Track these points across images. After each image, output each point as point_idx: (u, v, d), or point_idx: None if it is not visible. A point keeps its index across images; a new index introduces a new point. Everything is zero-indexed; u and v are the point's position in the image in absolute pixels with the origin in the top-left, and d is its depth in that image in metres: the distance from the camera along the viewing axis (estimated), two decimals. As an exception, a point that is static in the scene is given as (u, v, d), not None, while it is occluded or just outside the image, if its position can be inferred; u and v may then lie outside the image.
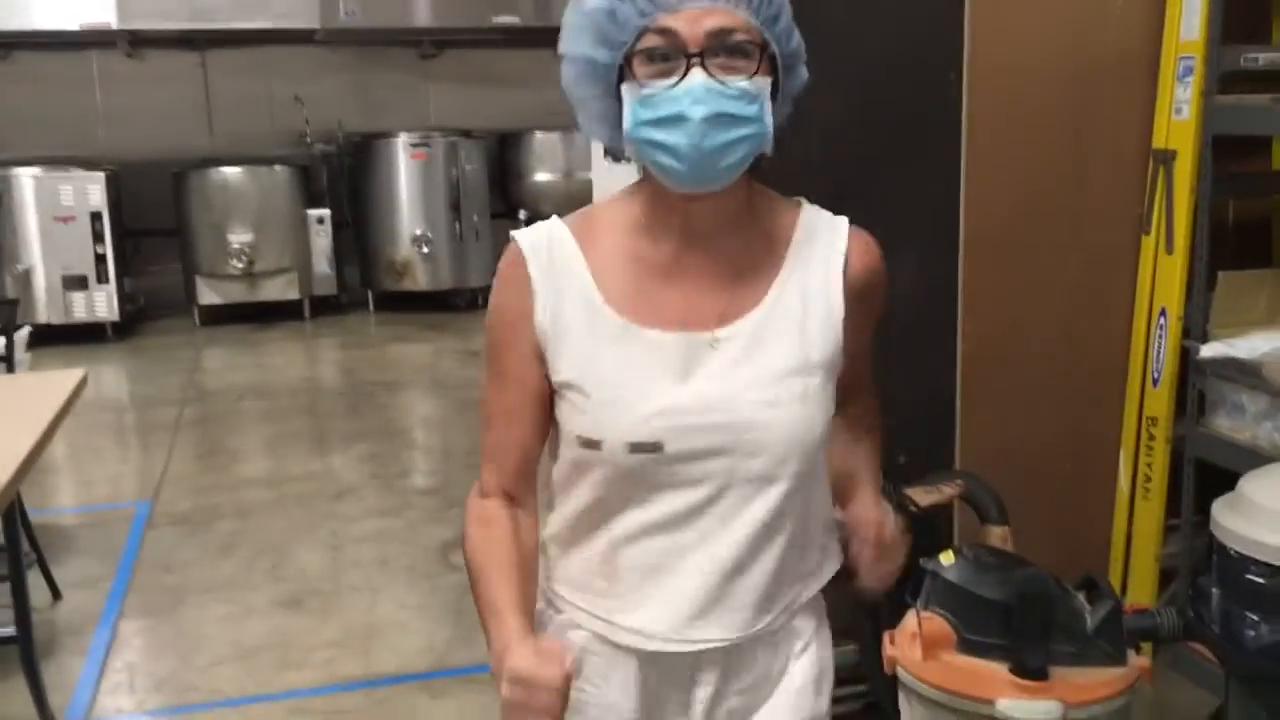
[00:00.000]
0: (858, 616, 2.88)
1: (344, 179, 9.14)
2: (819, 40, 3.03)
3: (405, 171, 8.67)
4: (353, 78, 9.33)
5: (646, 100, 1.25)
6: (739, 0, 1.25)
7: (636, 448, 1.31)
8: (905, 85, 2.97)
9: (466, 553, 1.38)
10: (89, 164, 8.21)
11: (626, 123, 1.28)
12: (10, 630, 3.02)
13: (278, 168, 8.63)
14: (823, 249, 1.39)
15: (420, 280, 8.73)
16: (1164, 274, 3.11)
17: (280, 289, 8.62)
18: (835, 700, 2.76)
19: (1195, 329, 3.04)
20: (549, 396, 1.37)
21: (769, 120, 1.27)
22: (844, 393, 1.46)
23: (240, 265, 8.43)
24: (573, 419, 1.34)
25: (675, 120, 1.24)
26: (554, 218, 1.40)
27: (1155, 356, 3.14)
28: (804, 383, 1.34)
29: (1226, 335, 2.95)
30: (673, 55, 1.24)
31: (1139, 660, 2.35)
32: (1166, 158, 3.06)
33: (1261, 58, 2.97)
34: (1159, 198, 3.09)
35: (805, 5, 2.82)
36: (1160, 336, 3.12)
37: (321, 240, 8.70)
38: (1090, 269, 3.17)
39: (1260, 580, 2.06)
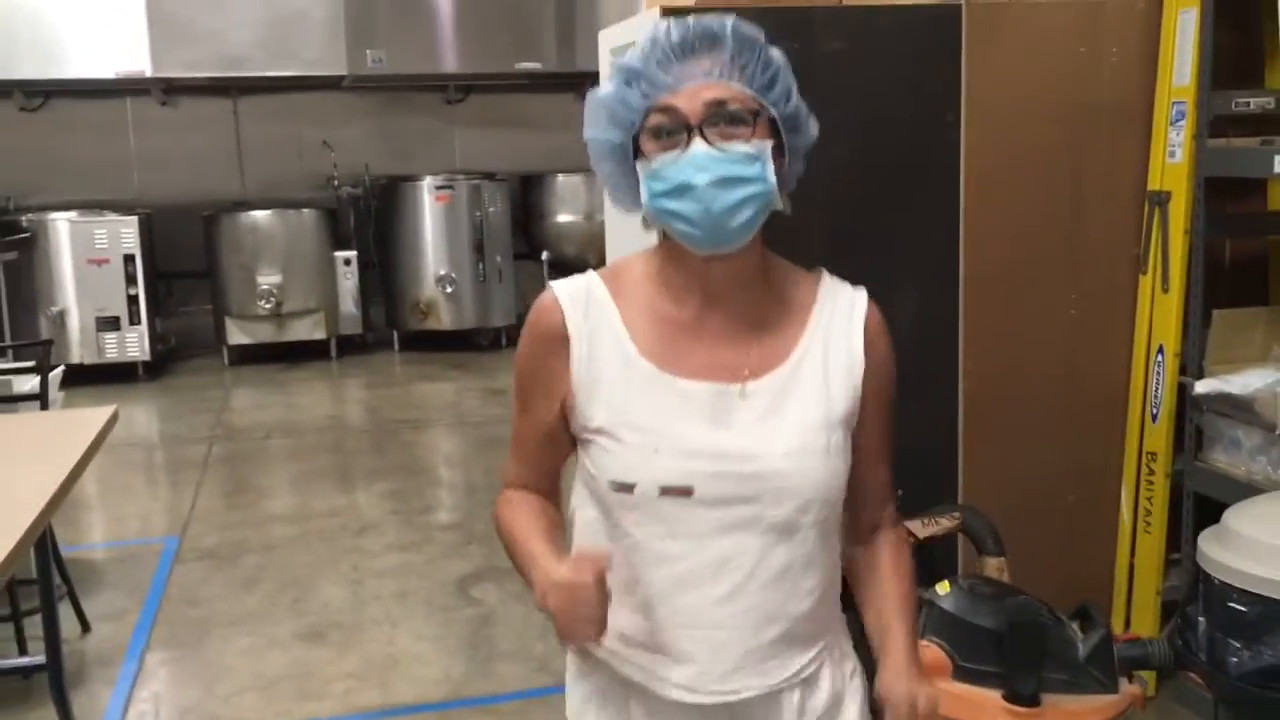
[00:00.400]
0: (861, 647, 2.94)
1: (370, 221, 9.32)
2: (820, 84, 3.14)
3: (430, 213, 8.85)
4: (379, 122, 9.55)
5: (656, 174, 1.36)
6: (732, 74, 1.34)
7: (667, 490, 1.37)
8: (904, 128, 3.07)
9: (499, 529, 1.49)
10: (123, 208, 8.42)
11: (643, 197, 1.38)
12: (41, 660, 3.12)
13: (306, 211, 8.83)
14: (844, 312, 1.47)
15: (444, 320, 8.87)
16: (1161, 312, 3.18)
17: (308, 329, 8.79)
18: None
19: (1192, 365, 3.11)
20: (563, 428, 1.45)
21: (772, 178, 1.36)
22: (865, 500, 1.52)
23: (269, 306, 8.60)
24: (605, 464, 1.41)
25: (683, 189, 1.34)
26: (589, 271, 1.50)
27: (1154, 392, 3.20)
28: (828, 436, 1.41)
29: (1222, 371, 3.02)
30: (675, 130, 1.34)
31: (1131, 688, 2.41)
32: (1161, 199, 3.14)
33: (1253, 102, 3.06)
34: (1155, 238, 3.17)
35: (806, 48, 2.95)
36: (1158, 373, 3.19)
37: (348, 281, 8.88)
38: (1089, 308, 3.24)
39: (1242, 608, 2.12)
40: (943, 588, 2.50)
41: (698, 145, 1.33)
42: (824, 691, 1.50)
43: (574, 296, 1.44)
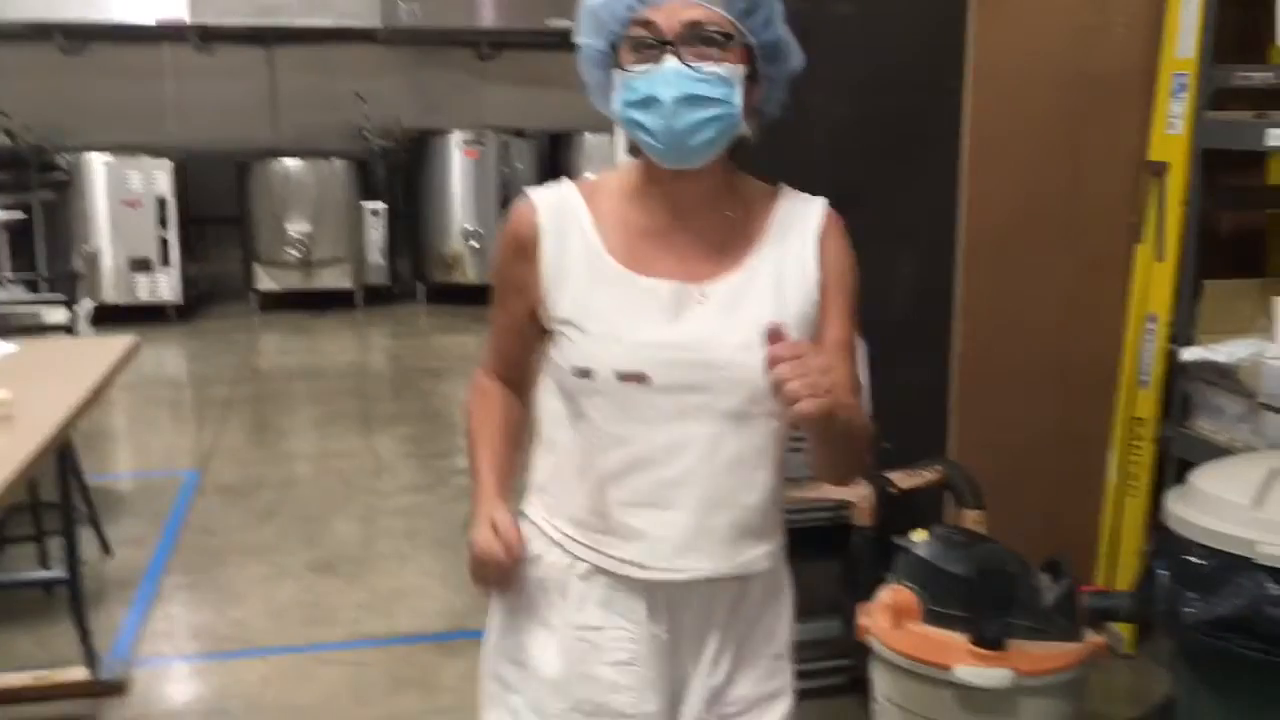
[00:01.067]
0: (842, 593, 3.05)
1: (400, 174, 9.43)
2: (826, 46, 3.21)
3: (458, 168, 8.96)
4: (411, 76, 9.64)
5: (628, 84, 1.42)
6: None
7: (624, 376, 1.46)
8: (907, 92, 3.13)
9: (465, 417, 1.63)
10: (157, 152, 8.57)
11: (614, 104, 1.44)
12: (62, 574, 3.27)
13: (337, 161, 8.95)
14: (799, 222, 1.53)
15: (469, 274, 8.99)
16: (1155, 281, 3.24)
17: (335, 278, 8.94)
18: (820, 674, 2.95)
19: (1182, 334, 3.17)
20: (533, 322, 1.54)
21: (738, 102, 1.41)
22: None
23: (297, 254, 8.74)
24: (568, 352, 1.49)
25: (650, 102, 1.40)
26: (564, 179, 1.59)
27: (1144, 359, 3.27)
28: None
29: (1211, 341, 3.08)
30: (652, 44, 1.40)
31: (1094, 638, 2.51)
32: (1159, 169, 3.19)
33: (1255, 76, 3.09)
34: (1152, 208, 3.23)
35: (814, 8, 3.02)
36: (1149, 340, 3.26)
37: (376, 232, 9.01)
38: (1084, 274, 3.31)
39: (1200, 562, 2.19)
40: (919, 535, 2.60)
41: (670, 61, 1.39)
42: (758, 598, 1.58)
43: (548, 201, 1.53)
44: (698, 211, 1.50)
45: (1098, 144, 3.24)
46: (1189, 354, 3.04)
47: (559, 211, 1.52)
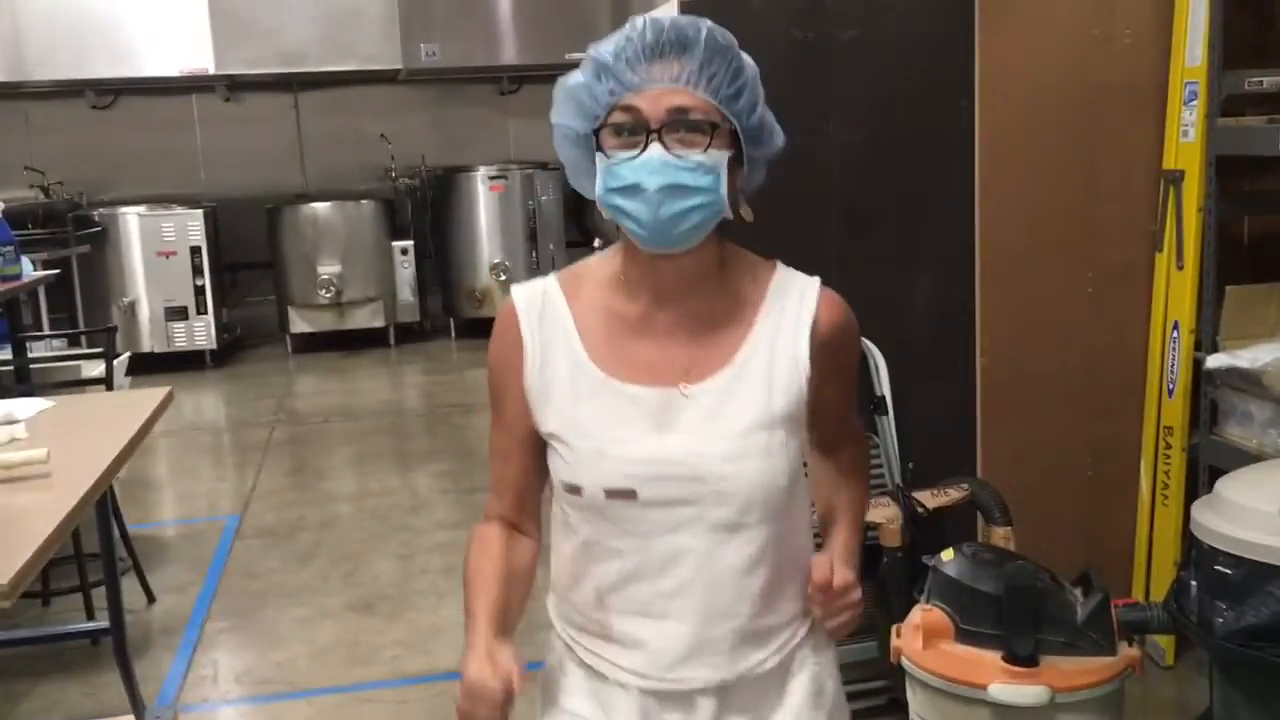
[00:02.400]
0: (874, 614, 3.05)
1: (427, 211, 9.52)
2: (834, 72, 3.26)
3: (484, 203, 9.04)
4: (434, 114, 9.76)
5: (612, 170, 1.38)
6: (697, 83, 1.36)
7: (612, 494, 1.42)
8: (917, 113, 3.16)
9: (464, 571, 1.51)
10: (190, 201, 8.73)
11: (597, 189, 1.40)
12: (106, 624, 3.33)
13: (364, 202, 9.06)
14: (793, 309, 1.47)
15: (499, 307, 8.99)
16: (1175, 289, 3.24)
17: (367, 318, 9.04)
18: (859, 696, 2.95)
19: (1206, 341, 3.16)
20: (539, 440, 1.49)
21: (723, 190, 1.38)
22: (829, 441, 1.58)
23: (329, 295, 8.85)
24: (558, 467, 1.47)
25: (634, 190, 1.36)
26: (550, 274, 1.53)
27: (1170, 368, 3.27)
28: (768, 437, 1.43)
29: (1235, 347, 3.07)
30: (636, 130, 1.36)
31: (1129, 651, 2.50)
32: (1175, 178, 3.20)
33: (1266, 81, 3.10)
34: (1169, 216, 3.23)
35: (820, 37, 3.06)
36: (1174, 349, 3.25)
37: (405, 270, 9.11)
38: (1105, 285, 3.31)
39: (1228, 571, 2.19)
40: (947, 555, 2.59)
41: (654, 149, 1.35)
42: (785, 671, 1.54)
43: (530, 303, 1.49)
44: (681, 295, 1.45)
45: (1111, 154, 3.24)
46: (1214, 361, 3.03)
47: (542, 316, 1.48)
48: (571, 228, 9.27)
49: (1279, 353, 2.93)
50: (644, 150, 1.36)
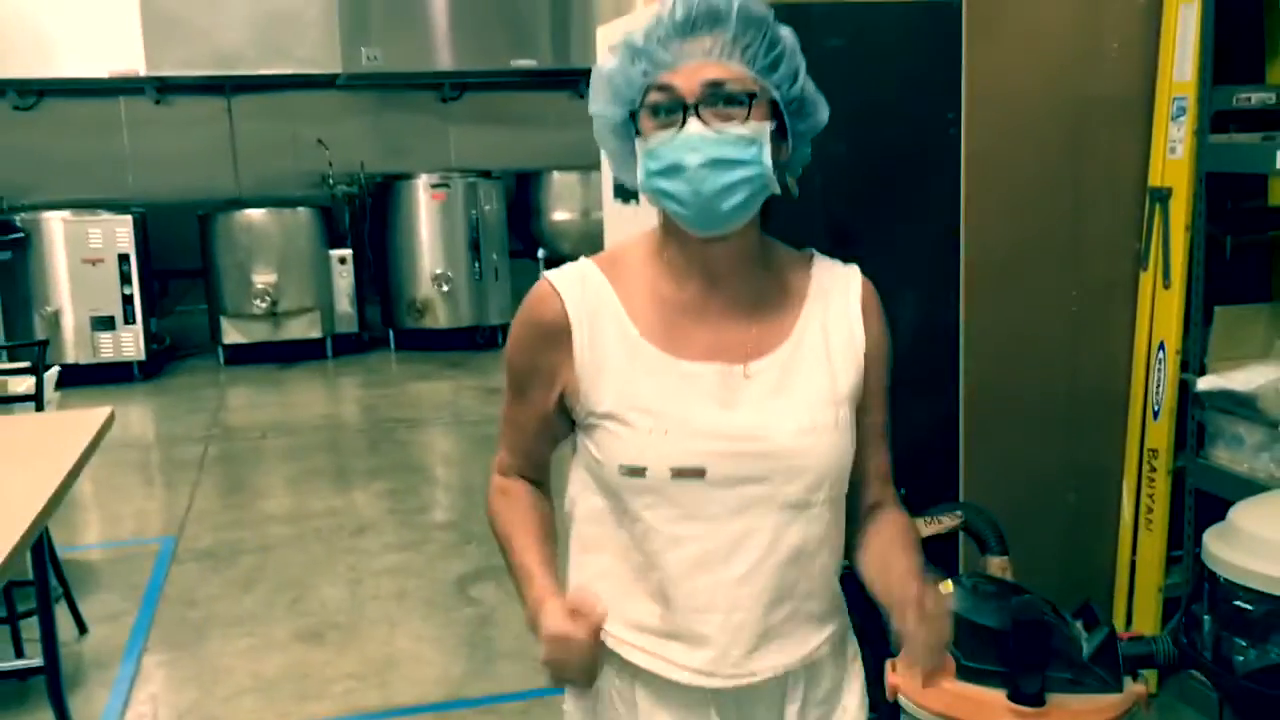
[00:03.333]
0: (867, 651, 2.93)
1: (366, 219, 9.28)
2: (819, 81, 3.12)
3: (425, 212, 8.82)
4: (374, 120, 9.53)
5: (651, 153, 1.34)
6: (733, 53, 1.32)
7: (679, 473, 1.36)
8: (904, 124, 3.05)
9: (492, 521, 1.50)
10: (117, 207, 8.39)
11: (639, 175, 1.37)
12: (38, 663, 3.10)
13: (301, 209, 8.78)
14: (840, 289, 1.47)
15: (440, 319, 8.85)
16: (1162, 308, 3.17)
17: (303, 328, 8.76)
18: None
19: (1193, 362, 3.10)
20: (557, 424, 1.45)
21: (768, 162, 1.34)
22: (868, 481, 1.49)
23: (264, 305, 8.58)
24: (614, 448, 1.38)
25: (676, 169, 1.32)
26: (582, 258, 1.47)
27: (1155, 389, 3.20)
28: (835, 411, 1.41)
29: (1224, 368, 3.01)
30: (673, 108, 1.33)
31: (1135, 686, 2.40)
32: (1162, 195, 3.13)
33: (1254, 97, 3.04)
34: (1156, 234, 3.16)
35: (805, 44, 2.94)
36: (1159, 370, 3.18)
37: (344, 280, 8.85)
38: (1090, 304, 3.23)
39: (1248, 607, 2.11)
40: (945, 587, 2.49)
41: (692, 125, 1.32)
42: (828, 677, 1.50)
43: (571, 283, 1.43)
44: (732, 278, 1.42)
45: (1098, 170, 3.18)
46: (1204, 383, 2.96)
47: (585, 296, 1.42)
48: (515, 238, 9.09)
49: (1272, 375, 2.87)
50: (682, 128, 1.32)
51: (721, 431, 1.37)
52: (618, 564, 1.43)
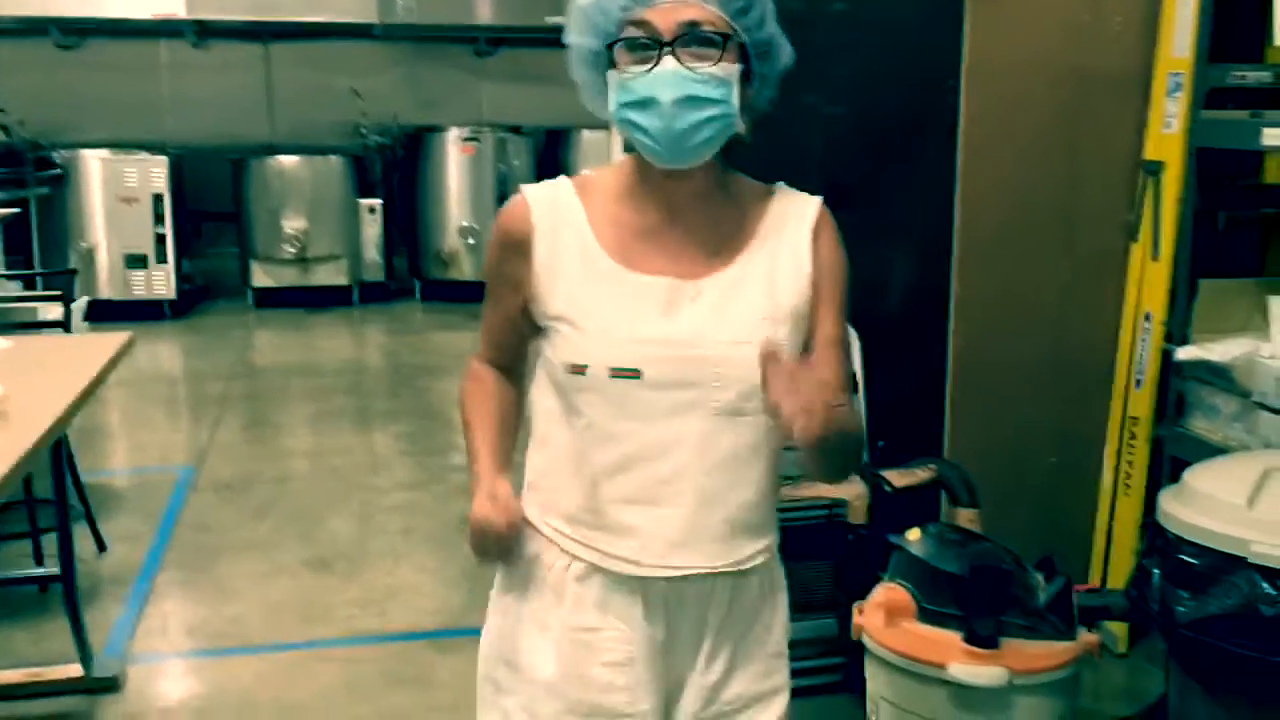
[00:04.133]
0: (836, 591, 3.05)
1: (396, 170, 9.41)
2: (821, 45, 3.22)
3: (455, 164, 8.94)
4: (408, 72, 9.64)
5: (625, 85, 1.42)
6: None
7: (617, 372, 1.45)
8: (902, 91, 3.15)
9: (460, 404, 1.64)
10: (153, 148, 8.56)
11: (610, 105, 1.44)
12: (56, 571, 3.27)
13: (333, 157, 8.90)
14: (793, 219, 1.53)
15: (466, 270, 8.98)
16: (1150, 280, 3.24)
17: (331, 275, 8.91)
18: (815, 672, 2.95)
19: (1177, 333, 3.17)
20: (526, 317, 1.54)
21: (735, 103, 1.42)
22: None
23: (294, 251, 8.73)
24: (561, 348, 1.49)
25: (648, 103, 1.40)
26: (561, 177, 1.57)
27: (1139, 359, 3.28)
28: (772, 327, 1.48)
29: (1206, 340, 3.08)
30: (649, 44, 1.40)
31: (1087, 636, 2.51)
32: (1155, 168, 3.20)
33: (1250, 75, 3.09)
34: (1147, 206, 3.23)
35: (808, 7, 3.03)
36: (1144, 339, 3.26)
37: (372, 229, 8.99)
38: (1080, 273, 3.31)
39: (1193, 561, 2.20)
40: (913, 534, 2.59)
41: (667, 62, 1.39)
42: (754, 591, 1.58)
43: (542, 197, 1.53)
44: (691, 210, 1.50)
45: (1093, 142, 3.24)
46: (1184, 353, 3.04)
47: (553, 208, 1.52)
48: (542, 194, 9.18)
49: (1250, 347, 2.94)
50: (657, 64, 1.39)
51: (659, 337, 1.46)
52: (560, 459, 1.53)
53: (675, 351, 1.46)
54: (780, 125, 1.61)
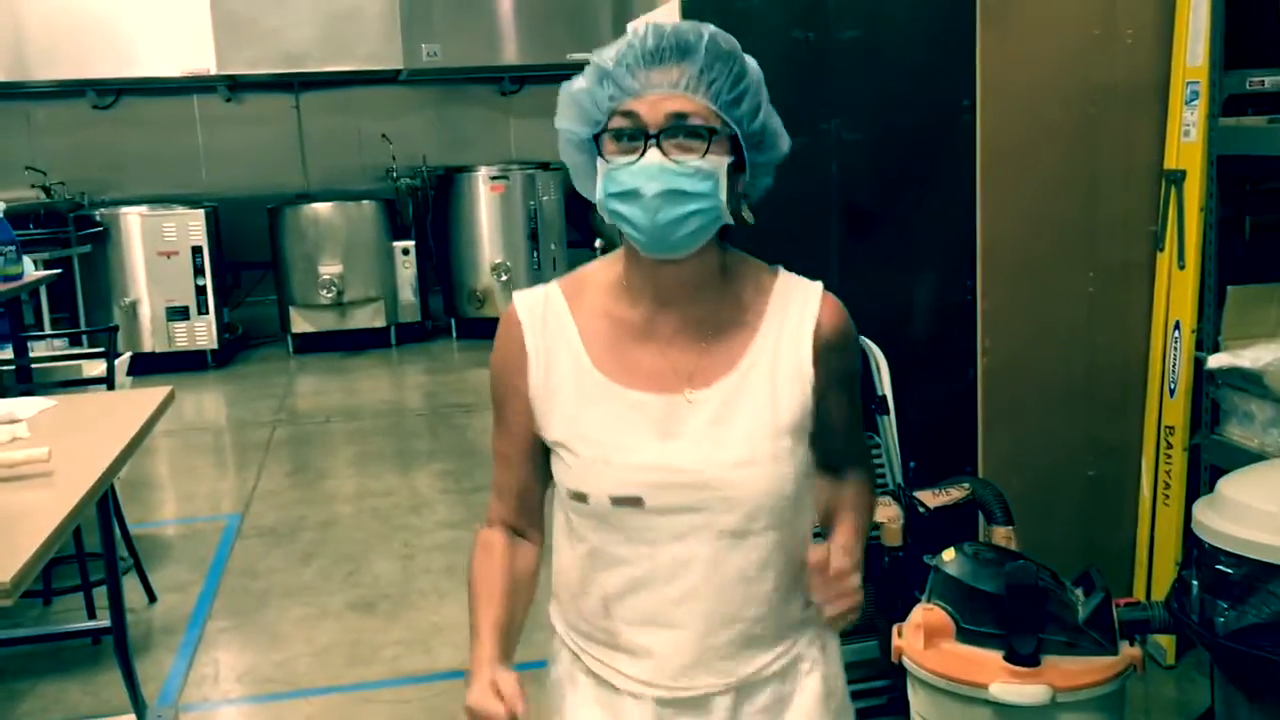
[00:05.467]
0: (876, 614, 3.05)
1: (428, 211, 9.48)
2: (835, 72, 3.26)
3: (485, 203, 9.03)
4: (436, 114, 9.77)
5: (611, 175, 1.38)
6: (699, 87, 1.35)
7: (618, 501, 1.42)
8: (919, 112, 3.17)
9: (468, 578, 1.53)
10: (191, 201, 8.73)
11: (598, 194, 1.40)
12: (107, 624, 3.33)
13: (365, 202, 9.02)
14: (795, 315, 1.47)
15: (500, 307, 8.94)
16: (1177, 288, 3.24)
17: (368, 318, 9.04)
18: (858, 695, 2.95)
19: (1207, 341, 3.16)
20: (542, 446, 1.50)
21: (722, 196, 1.37)
22: (833, 457, 1.56)
23: (330, 295, 8.85)
24: (563, 474, 1.47)
25: (632, 195, 1.36)
26: (552, 282, 1.53)
27: (1171, 368, 3.27)
28: (774, 444, 1.43)
29: (1237, 346, 3.07)
30: (635, 135, 1.36)
31: (1130, 650, 2.50)
32: (1177, 178, 3.20)
33: (1267, 81, 3.09)
34: (1171, 216, 3.23)
35: (821, 37, 3.06)
36: (1175, 348, 3.25)
37: (407, 270, 9.11)
38: (1107, 284, 3.31)
39: (1229, 570, 2.19)
40: (948, 554, 2.60)
41: (652, 155, 1.35)
42: (766, 694, 1.52)
43: (532, 309, 1.50)
44: (686, 300, 1.45)
45: (1113, 154, 3.25)
46: (1215, 360, 3.03)
47: (545, 321, 1.49)
48: (572, 228, 9.27)
49: (1280, 352, 2.93)
50: (642, 155, 1.36)
51: (659, 463, 1.42)
52: (573, 574, 1.51)
53: (675, 477, 1.42)
54: (799, 153, 1.56)
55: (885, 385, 3.12)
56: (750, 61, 1.41)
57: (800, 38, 3.05)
